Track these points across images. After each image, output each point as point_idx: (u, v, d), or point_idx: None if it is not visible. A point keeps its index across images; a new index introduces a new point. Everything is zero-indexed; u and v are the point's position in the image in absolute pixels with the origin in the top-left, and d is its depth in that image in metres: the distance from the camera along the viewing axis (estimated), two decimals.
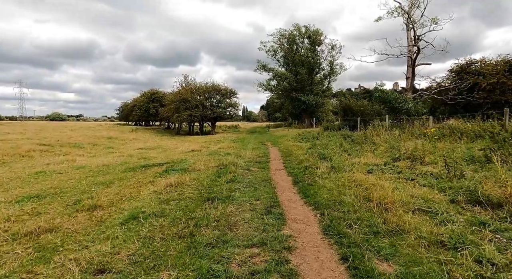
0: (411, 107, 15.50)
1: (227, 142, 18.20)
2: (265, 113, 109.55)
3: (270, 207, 4.56)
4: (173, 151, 13.09)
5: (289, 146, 14.25)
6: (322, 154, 8.89)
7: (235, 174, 6.94)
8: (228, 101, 33.40)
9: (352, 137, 13.83)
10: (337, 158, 8.68)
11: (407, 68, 17.12)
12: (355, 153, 9.52)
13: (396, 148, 9.02)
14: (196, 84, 34.45)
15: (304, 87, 31.76)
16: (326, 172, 6.75)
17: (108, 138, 24.57)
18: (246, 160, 9.54)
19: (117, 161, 9.84)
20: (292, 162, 9.13)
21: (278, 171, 7.74)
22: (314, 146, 12.90)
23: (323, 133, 19.74)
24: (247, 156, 10.58)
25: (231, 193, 5.35)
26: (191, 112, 30.54)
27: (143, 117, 50.49)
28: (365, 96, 38.21)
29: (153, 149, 15.04)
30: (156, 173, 7.19)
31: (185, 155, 11.05)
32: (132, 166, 8.26)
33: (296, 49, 32.39)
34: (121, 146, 18.91)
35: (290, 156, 10.48)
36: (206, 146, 15.50)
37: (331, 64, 31.79)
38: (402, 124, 15.08)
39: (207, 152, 12.17)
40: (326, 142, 14.04)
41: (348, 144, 11.92)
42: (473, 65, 21.78)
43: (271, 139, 21.74)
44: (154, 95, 46.81)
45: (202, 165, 8.07)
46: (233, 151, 12.28)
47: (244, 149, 13.52)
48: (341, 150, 10.74)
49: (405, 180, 5.93)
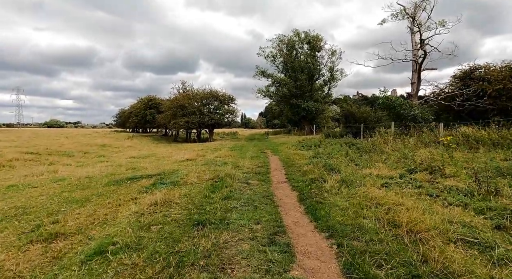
0: (417, 113, 14.75)
1: (225, 150, 17.35)
2: (264, 120, 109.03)
3: (274, 234, 3.71)
4: (166, 160, 12.23)
5: (290, 155, 13.42)
6: (328, 165, 8.05)
7: (232, 189, 6.09)
8: (226, 107, 32.68)
9: (357, 145, 13.03)
10: (345, 169, 7.86)
11: (412, 73, 16.44)
12: (363, 163, 8.69)
13: (410, 158, 8.20)
14: (194, 90, 33.80)
15: (304, 93, 31.08)
16: (335, 186, 5.91)
17: (102, 146, 23.68)
18: (245, 171, 8.69)
19: (103, 172, 8.97)
20: (295, 173, 8.29)
21: (280, 185, 6.89)
22: (317, 154, 12.08)
23: (325, 141, 18.96)
24: (245, 166, 9.73)
25: (226, 213, 4.50)
26: (188, 119, 29.76)
27: (140, 124, 49.67)
28: (364, 103, 37.73)
29: (146, 158, 14.17)
30: (142, 188, 6.32)
31: (178, 165, 10.19)
32: (117, 179, 7.39)
33: (296, 55, 31.83)
34: (113, 154, 18.03)
35: (292, 166, 9.64)
36: (202, 154, 14.65)
37: (331, 70, 31.20)
38: (409, 131, 14.31)
39: (203, 161, 11.31)
40: (330, 151, 13.22)
41: (354, 153, 11.11)
42: (477, 71, 21.24)
43: (270, 146, 20.92)
44: (151, 102, 46.07)
45: (195, 178, 7.22)
46: (230, 160, 11.44)
47: (243, 158, 12.67)
48: (347, 160, 9.92)
49: (428, 196, 5.10)
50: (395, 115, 16.02)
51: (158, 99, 46.11)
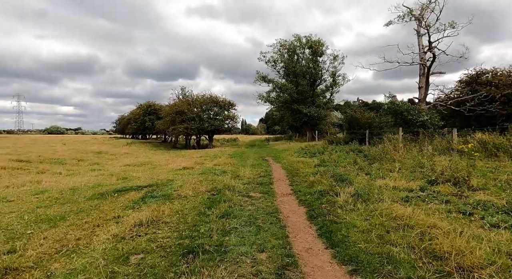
0: (427, 119, 14.03)
1: (224, 158, 16.60)
2: (264, 126, 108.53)
3: (283, 267, 2.95)
4: (161, 169, 11.48)
5: (294, 163, 12.67)
6: (338, 175, 7.30)
7: (231, 204, 5.33)
8: (226, 113, 32.01)
9: (364, 152, 12.28)
10: (355, 178, 7.11)
11: (419, 77, 15.78)
12: (375, 173, 7.94)
13: (429, 167, 7.44)
14: (193, 96, 33.19)
15: (305, 98, 30.40)
16: (350, 201, 5.15)
17: (98, 153, 22.95)
18: (245, 181, 7.94)
19: (91, 183, 8.22)
20: (301, 183, 7.53)
21: (285, 198, 6.13)
22: (323, 162, 11.33)
23: (328, 147, 18.23)
24: (246, 175, 8.98)
25: (224, 236, 3.74)
26: (187, 125, 29.06)
27: (139, 130, 48.96)
28: (365, 109, 37.28)
29: (141, 166, 13.42)
30: (129, 202, 5.57)
31: (173, 175, 9.44)
32: (104, 191, 6.64)
33: (297, 60, 31.25)
34: (108, 162, 17.29)
35: (297, 176, 8.89)
36: (200, 162, 13.91)
37: (333, 75, 30.53)
38: (418, 138, 13.57)
39: (200, 170, 10.56)
40: (335, 158, 12.48)
41: (362, 161, 10.36)
42: (484, 76, 20.72)
43: (272, 153, 20.17)
44: (150, 108, 45.43)
45: (190, 190, 6.46)
46: (230, 169, 10.69)
47: (243, 166, 11.93)
48: (356, 169, 9.17)
49: (461, 214, 4.35)
50: (402, 120, 15.31)
51: (157, 105, 45.49)
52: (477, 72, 21.29)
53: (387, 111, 15.43)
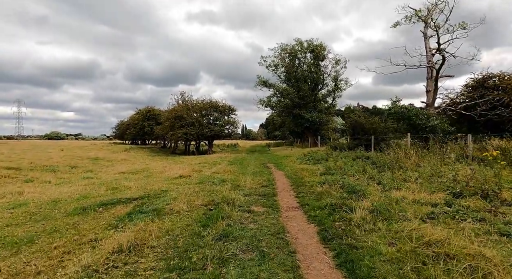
0: (437, 124, 13.34)
1: (224, 164, 15.89)
2: (265, 132, 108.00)
3: None
4: (157, 177, 10.77)
5: (297, 170, 11.97)
6: (349, 186, 6.59)
7: (231, 221, 4.62)
8: (226, 118, 31.40)
9: (373, 160, 11.57)
10: (367, 189, 6.40)
11: (426, 81, 15.14)
12: (389, 183, 7.23)
13: (450, 177, 6.72)
14: (193, 101, 32.60)
15: (307, 103, 29.78)
16: (368, 218, 4.44)
17: (94, 159, 22.25)
18: (246, 191, 7.23)
19: (78, 194, 7.51)
20: (308, 195, 6.82)
21: (292, 213, 5.42)
22: (329, 170, 10.63)
23: (332, 154, 17.53)
24: (247, 185, 8.27)
25: (221, 268, 3.04)
26: (186, 130, 28.41)
27: (137, 136, 48.30)
28: (367, 115, 36.88)
29: (136, 174, 12.71)
30: (113, 219, 4.86)
31: (168, 184, 8.72)
32: (88, 204, 5.92)
33: (298, 64, 30.72)
34: (103, 169, 16.58)
35: (302, 185, 8.17)
36: (199, 169, 13.20)
37: (336, 80, 29.96)
38: (428, 144, 12.87)
39: (198, 178, 9.85)
40: (341, 165, 11.78)
41: (371, 169, 9.65)
42: (491, 80, 20.19)
43: (273, 160, 19.47)
44: (149, 113, 44.86)
45: (184, 203, 5.75)
46: (230, 177, 9.98)
47: (244, 174, 11.22)
48: (366, 177, 8.47)
49: (504, 237, 3.64)
50: (409, 126, 14.62)
51: (156, 110, 44.94)
52: (483, 76, 20.73)
53: (394, 115, 14.76)
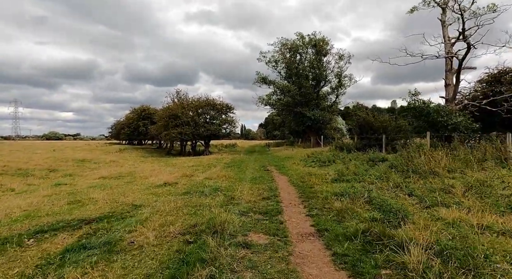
0: (461, 121, 11.71)
1: (220, 168, 14.23)
2: (264, 131, 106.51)
3: None
4: (138, 185, 9.09)
5: (303, 175, 10.32)
6: (381, 202, 4.93)
7: (216, 267, 2.96)
8: (224, 117, 29.71)
9: (391, 162, 9.90)
10: (406, 207, 4.75)
11: (445, 73, 13.51)
12: (425, 195, 5.57)
13: None
14: (189, 99, 30.88)
15: (309, 101, 28.10)
16: (433, 266, 2.79)
17: (80, 161, 20.57)
18: (243, 207, 5.58)
19: (28, 209, 5.84)
20: (324, 213, 5.16)
21: (307, 245, 3.76)
22: (342, 176, 8.97)
23: (339, 155, 15.91)
24: (244, 196, 6.61)
25: None
26: (181, 130, 26.72)
27: (132, 136, 46.55)
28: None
29: (117, 179, 11.05)
30: (39, 260, 3.20)
31: (147, 195, 7.06)
32: (18, 231, 4.26)
33: (300, 60, 29.05)
34: (85, 172, 14.90)
35: (314, 197, 6.52)
36: (190, 173, 11.54)
37: (339, 76, 28.25)
38: (451, 144, 11.23)
39: (186, 187, 8.20)
40: (353, 169, 10.14)
41: (396, 175, 7.99)
42: (508, 75, 18.79)
43: (274, 161, 17.82)
44: (144, 112, 43.08)
45: (154, 230, 4.09)
46: (224, 185, 8.34)
47: (241, 180, 9.57)
48: (390, 186, 6.82)
49: None
50: (427, 123, 12.99)
51: (152, 109, 43.15)
52: (499, 71, 19.48)
53: (411, 112, 13.14)
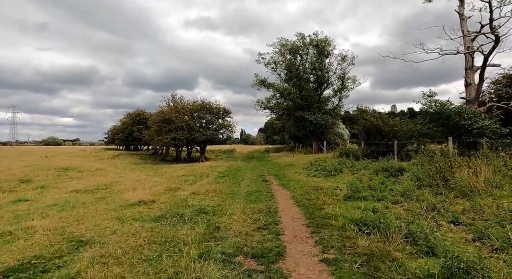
0: (488, 125, 10.16)
1: (213, 177, 12.62)
2: (263, 136, 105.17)
3: None
4: (107, 203, 7.47)
5: (308, 189, 8.70)
6: (426, 243, 3.34)
7: None
8: (220, 121, 28.12)
9: (412, 173, 8.27)
10: (461, 251, 3.18)
11: (465, 71, 12.02)
12: (488, 229, 3.98)
13: None
14: (184, 103, 29.33)
15: (310, 104, 26.56)
16: None
17: (63, 170, 18.89)
18: (229, 245, 3.98)
19: None
20: (344, 255, 3.57)
21: None
22: (356, 192, 7.37)
23: (345, 163, 14.30)
24: (233, 225, 5.00)
25: None
26: (175, 135, 25.11)
27: (126, 141, 44.94)
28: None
29: (90, 194, 9.43)
30: None
31: (109, 221, 5.46)
32: None
33: (301, 61, 27.58)
34: (61, 183, 13.23)
35: (327, 226, 4.91)
36: (176, 186, 9.93)
37: (342, 78, 26.75)
38: (476, 151, 9.64)
39: (164, 207, 6.59)
40: (368, 182, 8.55)
41: (424, 191, 6.38)
42: None
43: (274, 169, 16.21)
44: (139, 117, 41.49)
45: None
46: (212, 204, 6.74)
47: (234, 195, 7.97)
48: (424, 207, 5.23)
49: None
50: (448, 128, 11.44)
51: (147, 114, 41.55)
52: None
53: (430, 115, 11.60)
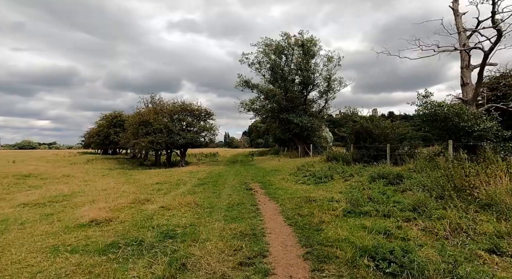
0: (491, 127, 9.38)
1: (190, 186, 11.23)
2: (248, 139, 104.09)
3: None
4: (50, 224, 5.97)
5: (300, 200, 7.51)
6: None
7: None
8: (202, 124, 26.65)
9: (422, 183, 7.26)
10: None
11: (461, 70, 11.31)
12: None
13: None
14: (163, 104, 27.64)
15: (296, 106, 25.60)
16: None
17: (24, 177, 16.88)
18: None
19: None
20: None
21: None
22: (357, 205, 6.24)
23: (335, 168, 13.26)
24: (207, 257, 3.71)
25: None
26: (152, 138, 23.40)
27: (102, 145, 42.50)
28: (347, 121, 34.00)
29: (39, 208, 7.85)
30: None
31: (36, 255, 4.03)
32: None
33: (286, 62, 26.64)
34: (12, 194, 11.41)
35: (331, 259, 3.71)
36: (145, 198, 8.49)
37: (329, 79, 26.00)
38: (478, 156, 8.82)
39: (121, 228, 5.20)
40: (367, 192, 7.48)
41: (438, 205, 5.33)
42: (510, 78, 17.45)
43: (259, 175, 14.94)
44: (116, 119, 39.25)
45: None
46: (183, 222, 5.42)
47: (212, 209, 6.66)
48: (447, 229, 4.15)
49: None
50: (445, 131, 10.63)
51: (125, 115, 39.37)
52: (501, 74, 18.16)
53: (426, 116, 10.76)
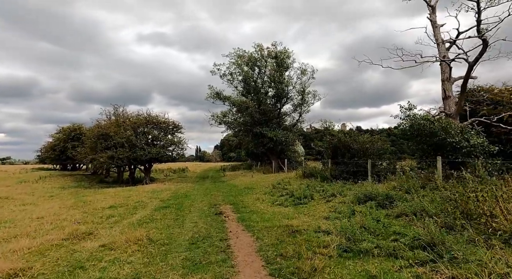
0: (481, 143, 8.78)
1: (149, 211, 9.48)
2: (219, 153, 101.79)
3: None
4: None
5: (279, 230, 6.16)
6: None
7: None
8: (170, 137, 24.80)
9: (426, 209, 6.22)
10: None
11: (442, 83, 10.88)
12: None
13: None
14: (127, 116, 25.48)
15: (270, 120, 24.64)
16: None
17: None
18: None
19: None
20: None
21: None
22: (354, 241, 5.02)
23: (314, 186, 12.12)
24: None
25: None
26: (113, 153, 21.15)
27: (58, 160, 38.67)
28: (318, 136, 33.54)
29: None
30: None
31: None
32: None
33: (259, 74, 25.81)
34: None
35: None
36: (86, 230, 6.72)
37: (303, 92, 25.45)
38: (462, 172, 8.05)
39: None
40: (359, 220, 6.32)
41: (455, 239, 4.24)
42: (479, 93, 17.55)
43: (231, 195, 13.40)
44: (74, 132, 35.93)
45: None
46: (125, 273, 3.84)
47: (169, 247, 5.10)
48: None
49: None
50: (431, 146, 9.96)
51: (84, 128, 36.22)
52: (470, 89, 18.38)
53: (409, 131, 10.05)
